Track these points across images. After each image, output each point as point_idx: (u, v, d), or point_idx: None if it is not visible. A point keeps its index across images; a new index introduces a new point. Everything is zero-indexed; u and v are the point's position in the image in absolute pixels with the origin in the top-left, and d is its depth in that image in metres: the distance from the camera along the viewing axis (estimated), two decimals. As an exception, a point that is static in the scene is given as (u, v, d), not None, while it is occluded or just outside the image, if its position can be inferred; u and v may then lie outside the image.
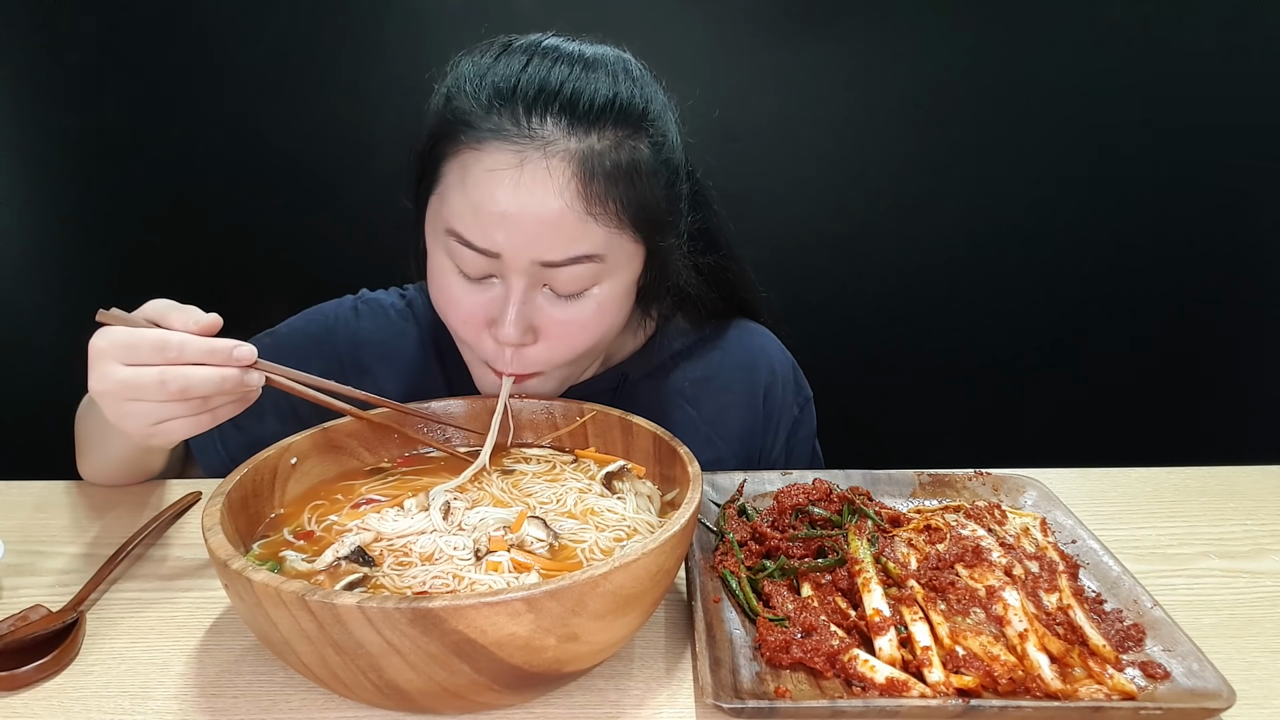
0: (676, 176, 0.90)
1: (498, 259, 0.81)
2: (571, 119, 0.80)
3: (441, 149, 0.84)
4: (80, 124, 1.65)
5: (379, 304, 1.08)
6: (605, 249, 0.83)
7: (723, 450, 1.06)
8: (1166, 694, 0.59)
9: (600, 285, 0.86)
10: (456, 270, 0.86)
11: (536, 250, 0.80)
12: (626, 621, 0.59)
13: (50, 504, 0.94)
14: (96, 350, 0.70)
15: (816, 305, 1.74)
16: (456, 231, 0.82)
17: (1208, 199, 1.71)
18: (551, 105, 0.79)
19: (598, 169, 0.80)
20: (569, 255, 0.81)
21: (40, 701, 0.63)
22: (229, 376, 0.70)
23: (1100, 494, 0.95)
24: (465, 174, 0.81)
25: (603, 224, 0.81)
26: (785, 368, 1.13)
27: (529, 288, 0.83)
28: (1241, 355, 1.82)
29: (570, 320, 0.86)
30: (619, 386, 1.04)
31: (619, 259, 0.85)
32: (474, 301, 0.86)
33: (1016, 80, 1.64)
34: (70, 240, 1.75)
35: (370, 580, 0.64)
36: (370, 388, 0.96)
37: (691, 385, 1.07)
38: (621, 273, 0.87)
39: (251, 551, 0.69)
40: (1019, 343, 1.81)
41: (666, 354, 1.07)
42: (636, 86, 0.84)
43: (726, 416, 1.08)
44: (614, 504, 0.75)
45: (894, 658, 0.62)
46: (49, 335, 1.77)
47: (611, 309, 0.88)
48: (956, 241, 1.74)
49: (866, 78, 1.65)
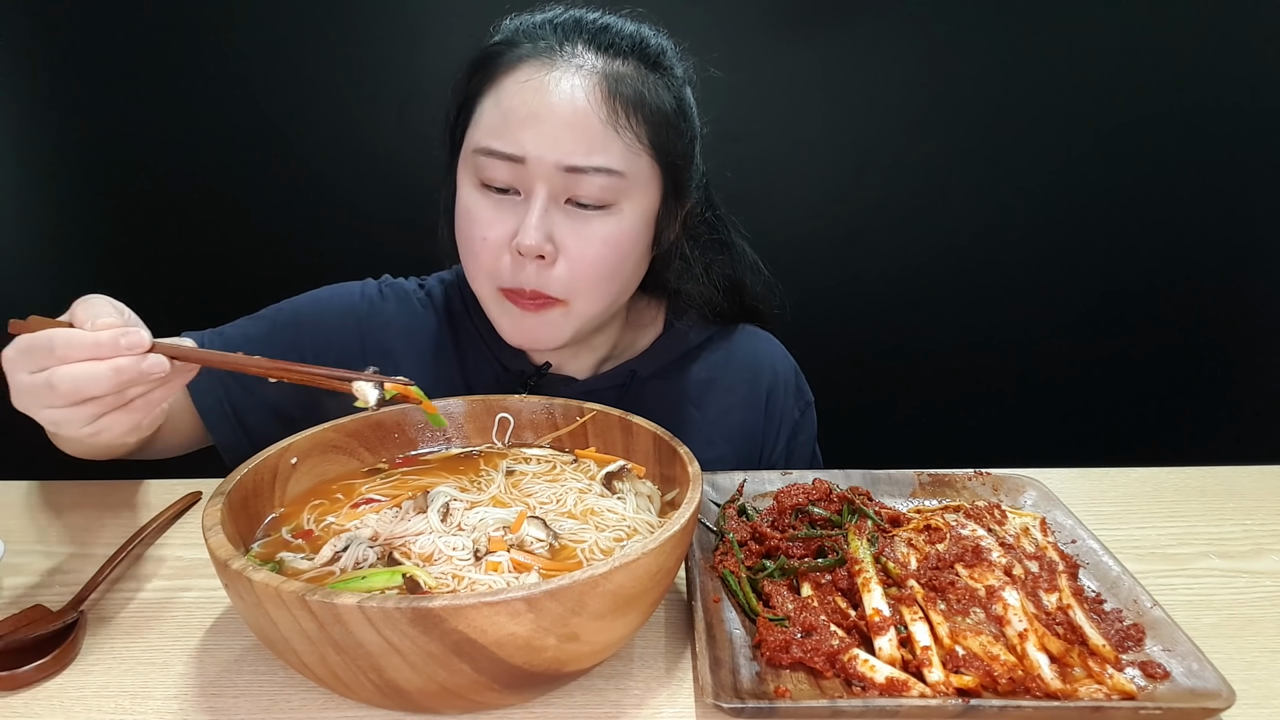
0: (692, 131, 0.96)
1: (523, 164, 0.86)
2: (599, 46, 0.89)
3: (477, 85, 0.91)
4: (79, 125, 1.65)
5: (403, 289, 1.10)
6: (625, 166, 0.88)
7: (724, 450, 1.08)
8: (1166, 694, 0.59)
9: (620, 207, 0.90)
10: (482, 190, 0.90)
11: (561, 152, 0.85)
12: (626, 621, 0.59)
13: (50, 504, 0.94)
14: (5, 360, 0.68)
15: (816, 305, 1.74)
16: (485, 145, 0.88)
17: (1208, 199, 1.71)
18: (582, 34, 0.89)
19: (620, 88, 0.87)
20: (592, 163, 0.86)
21: (40, 701, 0.63)
22: (123, 367, 0.64)
23: (1100, 494, 0.95)
24: (499, 94, 0.88)
25: (625, 139, 0.87)
26: (788, 372, 1.15)
27: (551, 197, 0.87)
28: (1241, 355, 1.82)
29: (591, 236, 0.89)
30: (628, 383, 1.06)
31: (638, 181, 0.90)
32: (495, 217, 0.89)
33: (1017, 80, 1.64)
34: (69, 240, 1.74)
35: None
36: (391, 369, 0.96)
37: (697, 386, 1.09)
38: (640, 198, 0.91)
39: (251, 551, 0.69)
40: (1019, 342, 1.81)
41: (675, 354, 1.09)
42: (657, 38, 0.94)
43: (729, 418, 1.10)
44: (614, 504, 0.75)
45: (894, 658, 0.62)
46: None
47: (629, 237, 0.91)
48: (957, 241, 1.74)
49: (867, 78, 1.65)
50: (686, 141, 0.94)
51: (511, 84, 0.88)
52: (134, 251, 1.74)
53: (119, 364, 0.64)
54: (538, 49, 0.88)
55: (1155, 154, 1.68)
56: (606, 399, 0.96)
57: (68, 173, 1.70)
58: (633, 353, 1.09)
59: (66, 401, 0.65)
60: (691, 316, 1.08)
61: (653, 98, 0.89)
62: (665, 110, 0.90)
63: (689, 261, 1.02)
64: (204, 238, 1.73)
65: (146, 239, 1.73)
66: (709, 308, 1.07)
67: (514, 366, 1.05)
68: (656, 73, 0.91)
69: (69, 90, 1.63)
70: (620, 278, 0.94)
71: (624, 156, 0.88)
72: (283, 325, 1.05)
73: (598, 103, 0.86)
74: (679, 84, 0.94)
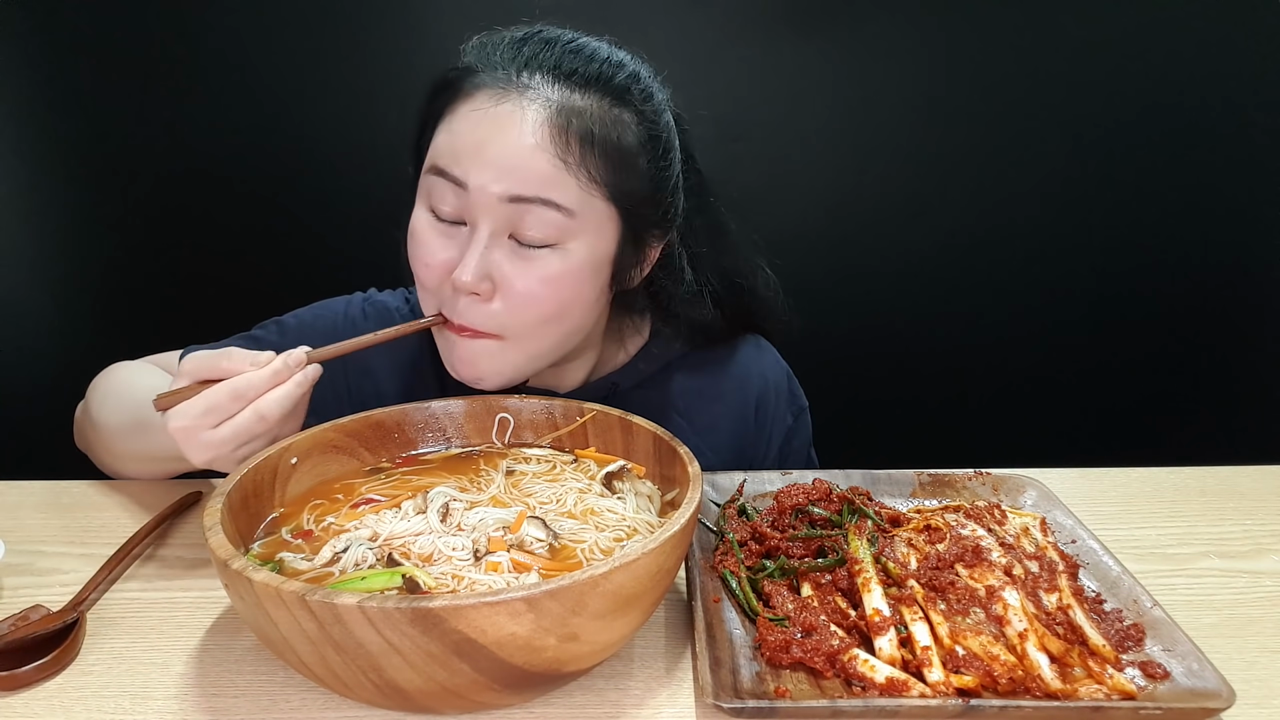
0: (668, 159, 0.90)
1: (466, 192, 0.83)
2: (557, 76, 0.84)
3: (439, 105, 0.88)
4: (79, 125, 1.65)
5: (384, 306, 1.09)
6: (576, 206, 0.83)
7: (713, 461, 1.05)
8: (1166, 694, 0.59)
9: (566, 246, 0.85)
10: (430, 213, 0.88)
11: (505, 184, 0.81)
12: (626, 621, 0.59)
13: (50, 504, 0.94)
14: (179, 432, 0.75)
15: (816, 305, 1.73)
16: (435, 165, 0.86)
17: (1209, 199, 1.71)
18: (541, 65, 0.84)
19: (575, 123, 0.82)
20: (537, 194, 0.82)
21: (40, 701, 0.63)
22: (300, 384, 0.78)
23: (1100, 494, 0.95)
24: (452, 119, 0.86)
25: (575, 177, 0.83)
26: (779, 378, 1.13)
27: (494, 233, 0.84)
28: (1242, 355, 1.82)
29: (530, 276, 0.84)
30: (609, 396, 1.03)
31: (589, 223, 0.85)
32: (440, 244, 0.87)
33: (1017, 81, 1.64)
34: (70, 241, 1.75)
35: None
36: (370, 387, 1.00)
37: (683, 396, 1.07)
38: (591, 239, 0.86)
39: (251, 551, 0.69)
40: (1019, 342, 1.81)
41: (658, 365, 1.07)
42: (625, 64, 0.88)
43: (718, 428, 1.08)
44: (614, 504, 0.75)
45: (894, 658, 0.62)
46: (49, 336, 1.78)
47: (575, 278, 0.86)
48: (957, 242, 1.74)
49: (867, 78, 1.65)
50: (652, 179, 0.89)
51: (464, 110, 0.85)
52: (134, 252, 1.74)
53: (297, 380, 0.78)
54: (495, 77, 0.84)
55: (1156, 154, 1.68)
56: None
57: (68, 174, 1.70)
58: (613, 366, 1.06)
59: (270, 426, 0.76)
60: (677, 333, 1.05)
61: (611, 135, 0.84)
62: (626, 148, 0.85)
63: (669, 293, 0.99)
64: (204, 238, 1.73)
65: (147, 240, 1.73)
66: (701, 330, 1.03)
67: None
68: (622, 106, 0.86)
69: (69, 91, 1.63)
70: (569, 319, 0.89)
71: (576, 195, 0.83)
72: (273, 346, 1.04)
73: (546, 138, 0.81)
74: (652, 115, 0.88)
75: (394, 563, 0.65)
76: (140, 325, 1.73)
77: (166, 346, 1.06)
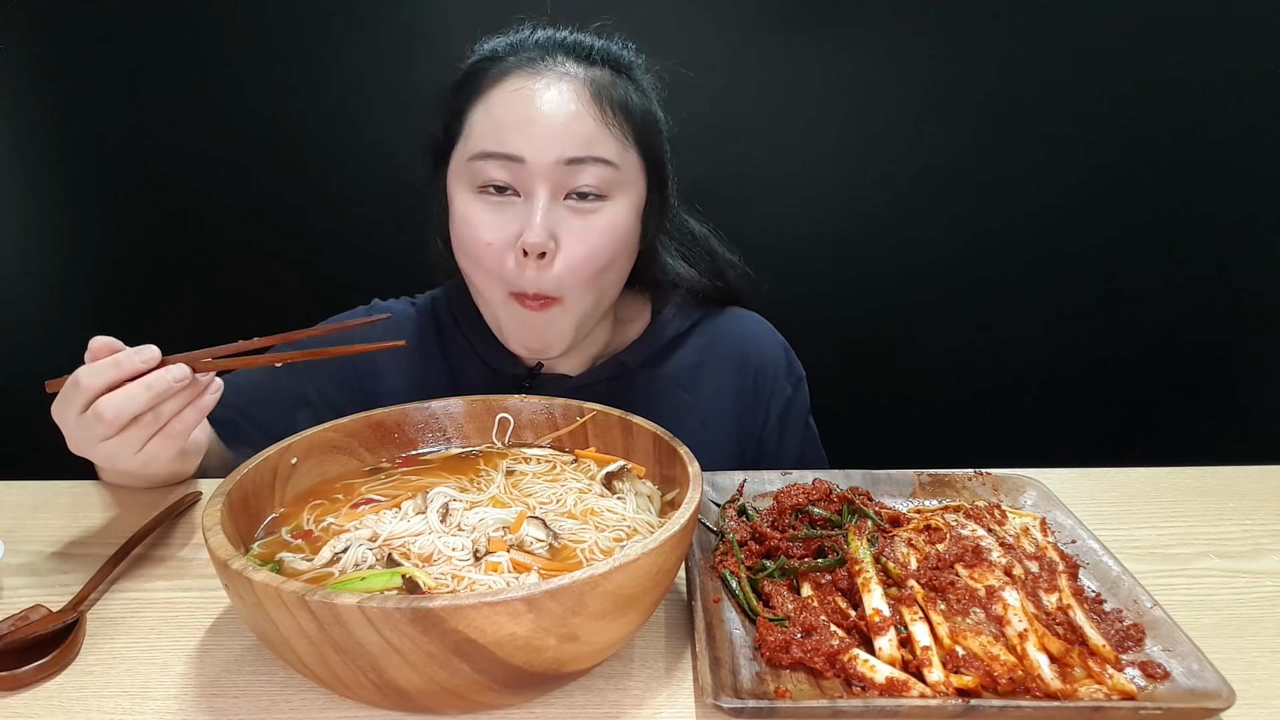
0: (663, 133, 1.02)
1: (522, 164, 0.91)
2: (577, 56, 0.96)
3: (463, 100, 0.96)
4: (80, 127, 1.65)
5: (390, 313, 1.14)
6: (618, 159, 0.94)
7: (717, 434, 1.11)
8: (1166, 694, 0.59)
9: (614, 199, 0.95)
10: (480, 194, 0.94)
11: (559, 148, 0.91)
12: (626, 621, 0.59)
13: (50, 504, 0.94)
14: (55, 414, 0.75)
15: (816, 305, 1.74)
16: (482, 149, 0.92)
17: (1209, 198, 1.71)
18: (557, 47, 0.96)
19: (603, 91, 0.94)
20: (589, 153, 0.92)
21: (40, 701, 0.63)
22: (153, 382, 0.72)
23: (1100, 494, 0.95)
24: (489, 104, 0.94)
25: (614, 135, 0.94)
26: (775, 349, 1.18)
27: (551, 195, 0.92)
28: (1241, 355, 1.82)
29: (589, 228, 0.93)
30: (618, 375, 1.10)
31: (628, 175, 0.96)
32: (496, 221, 0.93)
33: (1018, 81, 1.64)
34: (70, 241, 1.75)
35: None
36: (383, 388, 1.07)
37: (686, 371, 1.12)
38: (630, 191, 0.97)
39: (251, 551, 0.69)
40: (1019, 342, 1.81)
41: (661, 343, 1.12)
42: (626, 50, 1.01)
43: (720, 400, 1.13)
44: (614, 504, 0.75)
45: (894, 658, 0.62)
46: (49, 336, 1.78)
47: (623, 228, 0.96)
48: (956, 242, 1.74)
49: (867, 78, 1.65)
50: (661, 135, 1.01)
51: (501, 94, 0.93)
52: (134, 253, 1.74)
53: (148, 380, 0.72)
54: (521, 60, 0.94)
55: (1156, 154, 1.68)
56: (597, 392, 1.04)
57: (68, 174, 1.70)
58: (621, 345, 1.12)
59: (113, 429, 0.71)
60: (676, 302, 1.12)
61: (631, 99, 0.96)
62: (643, 109, 0.98)
63: (669, 253, 1.09)
64: (204, 240, 1.73)
65: (147, 241, 1.73)
66: (692, 292, 1.12)
67: (507, 371, 1.08)
68: (629, 77, 0.99)
69: (69, 93, 1.63)
70: (612, 270, 0.98)
71: (617, 150, 0.94)
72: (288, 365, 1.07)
73: (588, 102, 0.92)
74: (648, 86, 1.01)
75: (394, 563, 0.65)
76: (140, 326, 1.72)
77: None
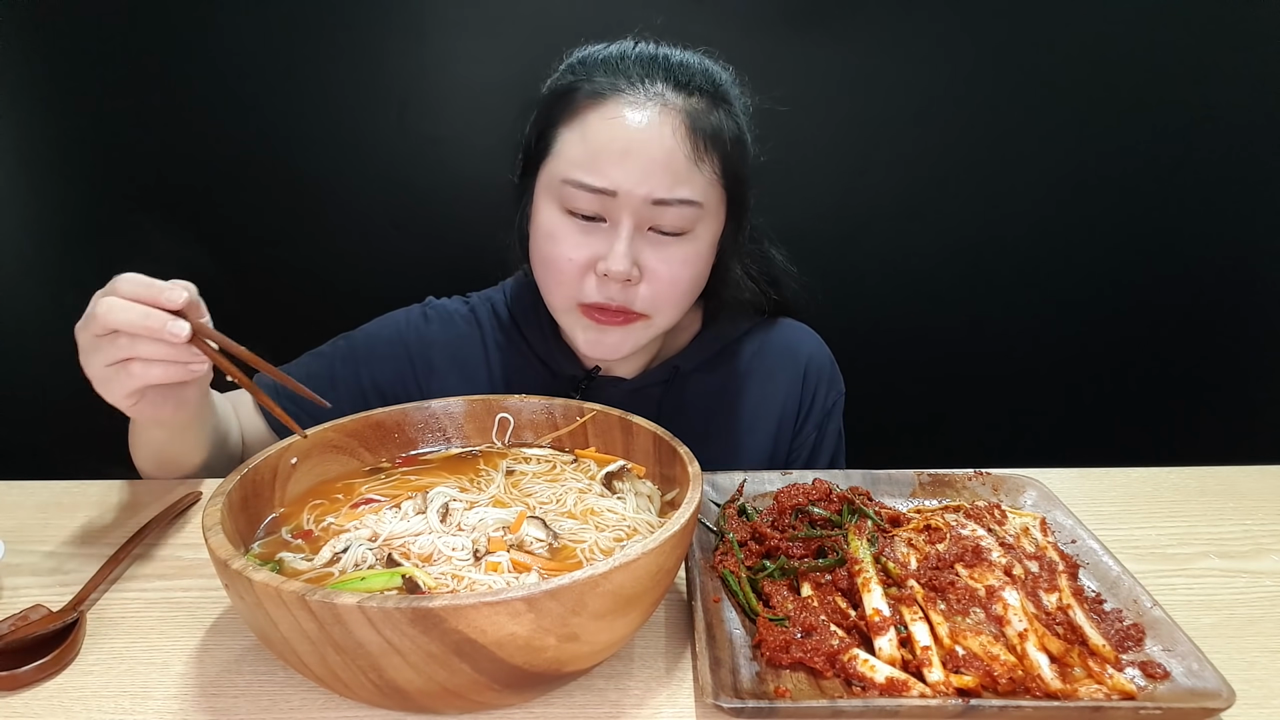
0: (749, 162, 1.02)
1: (613, 197, 0.91)
2: (675, 82, 0.94)
3: (558, 114, 0.95)
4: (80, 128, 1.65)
5: (445, 310, 1.16)
6: (704, 197, 0.95)
7: (761, 438, 1.14)
8: (1166, 694, 0.59)
9: (696, 232, 0.96)
10: (567, 216, 0.95)
11: (650, 186, 0.91)
12: (626, 621, 0.59)
13: (50, 504, 0.94)
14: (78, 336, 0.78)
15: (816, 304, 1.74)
16: (574, 178, 0.92)
17: (1211, 198, 1.71)
18: (658, 70, 0.94)
19: (699, 124, 0.93)
20: (677, 195, 0.92)
21: (40, 701, 0.63)
22: (151, 314, 0.73)
23: (1100, 494, 0.95)
24: (585, 127, 0.93)
25: (704, 173, 0.94)
26: (823, 360, 1.20)
27: (636, 227, 0.93)
28: (1241, 355, 1.82)
29: (671, 260, 0.95)
30: (672, 378, 1.12)
31: (710, 210, 0.97)
32: (581, 240, 0.95)
33: (1018, 81, 1.64)
34: (71, 241, 1.74)
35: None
36: (438, 386, 1.09)
37: (738, 377, 1.15)
38: (711, 224, 0.98)
39: (251, 551, 0.69)
40: (1019, 342, 1.81)
41: (715, 348, 1.14)
42: (718, 73, 0.99)
43: (767, 407, 1.15)
44: (614, 504, 0.75)
45: (894, 658, 0.62)
46: (49, 336, 1.77)
47: (703, 259, 0.99)
48: (957, 241, 1.74)
49: (868, 78, 1.64)
50: (746, 167, 1.01)
51: (597, 119, 0.92)
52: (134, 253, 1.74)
53: (149, 310, 0.73)
54: (618, 84, 0.93)
55: (1157, 153, 1.68)
56: (651, 396, 1.08)
57: (68, 174, 1.70)
58: (674, 350, 1.14)
59: (96, 328, 0.73)
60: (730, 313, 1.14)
61: (722, 131, 0.95)
62: (733, 142, 0.96)
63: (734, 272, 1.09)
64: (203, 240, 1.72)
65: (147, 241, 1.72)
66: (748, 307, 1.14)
67: (564, 372, 1.10)
68: (724, 108, 0.97)
69: (69, 93, 1.63)
70: (694, 294, 1.01)
71: (702, 189, 0.94)
72: (343, 360, 1.11)
73: (682, 139, 0.92)
74: (740, 114, 1.00)
75: (394, 563, 0.65)
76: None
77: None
